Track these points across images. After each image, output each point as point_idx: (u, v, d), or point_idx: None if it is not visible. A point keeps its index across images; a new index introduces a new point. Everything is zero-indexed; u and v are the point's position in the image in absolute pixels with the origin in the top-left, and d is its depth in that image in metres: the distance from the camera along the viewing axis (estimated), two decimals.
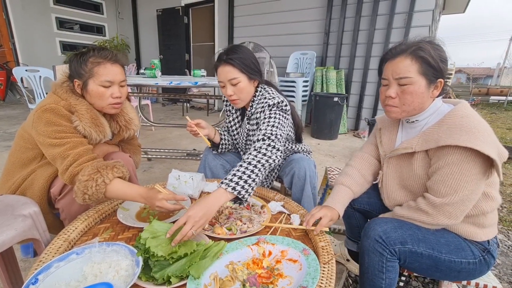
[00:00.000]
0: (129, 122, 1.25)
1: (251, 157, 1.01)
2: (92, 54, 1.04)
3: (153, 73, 2.32)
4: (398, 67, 0.84)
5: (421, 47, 0.82)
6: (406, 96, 0.85)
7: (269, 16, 4.76)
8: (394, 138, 1.00)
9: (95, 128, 1.05)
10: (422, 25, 3.54)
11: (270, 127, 1.12)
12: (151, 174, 2.47)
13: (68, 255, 0.73)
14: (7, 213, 0.90)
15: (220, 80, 1.19)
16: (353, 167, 1.10)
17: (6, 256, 1.02)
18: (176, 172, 1.24)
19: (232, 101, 1.21)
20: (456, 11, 6.46)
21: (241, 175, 0.94)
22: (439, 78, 0.84)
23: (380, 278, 0.87)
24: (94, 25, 7.23)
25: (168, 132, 4.00)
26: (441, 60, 0.83)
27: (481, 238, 0.86)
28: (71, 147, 0.96)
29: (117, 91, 1.08)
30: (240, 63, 1.14)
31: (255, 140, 1.10)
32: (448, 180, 0.79)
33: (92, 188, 0.90)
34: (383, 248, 0.84)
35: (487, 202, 0.84)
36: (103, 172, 0.92)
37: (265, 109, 1.17)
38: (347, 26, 4.06)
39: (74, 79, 1.05)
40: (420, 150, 0.86)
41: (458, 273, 0.86)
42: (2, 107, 5.24)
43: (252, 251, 0.83)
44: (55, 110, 0.98)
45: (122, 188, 0.94)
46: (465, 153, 0.76)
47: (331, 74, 4.00)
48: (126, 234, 0.92)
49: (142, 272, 0.70)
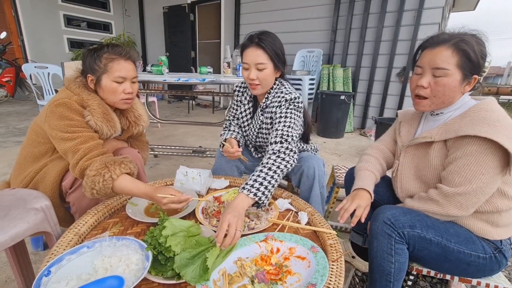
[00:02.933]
0: (138, 118, 1.28)
1: (270, 162, 1.03)
2: (106, 50, 1.06)
3: (160, 70, 2.33)
4: (437, 57, 0.81)
5: (465, 39, 0.79)
6: (439, 88, 0.83)
7: (276, 14, 4.74)
8: (413, 131, 1.00)
9: (107, 123, 1.07)
10: (431, 23, 3.49)
11: (287, 128, 1.13)
12: (157, 171, 2.49)
13: (79, 248, 0.74)
14: (19, 206, 0.92)
15: (246, 61, 1.17)
16: (370, 155, 1.11)
17: (18, 249, 1.03)
18: (183, 168, 1.25)
19: (252, 85, 1.20)
20: (466, 8, 6.34)
21: (262, 181, 0.97)
22: (475, 74, 0.81)
23: (389, 262, 0.86)
24: (101, 22, 7.29)
25: (174, 129, 4.02)
26: (481, 56, 0.80)
27: (493, 237, 0.84)
28: (82, 142, 0.97)
29: (129, 87, 1.11)
30: (271, 49, 1.14)
31: (272, 142, 1.12)
32: (464, 171, 0.78)
33: (99, 183, 0.91)
34: (392, 230, 0.84)
35: (502, 200, 0.82)
36: (110, 168, 0.93)
37: (282, 104, 1.18)
38: (355, 23, 4.02)
39: (88, 74, 1.07)
40: (439, 140, 0.85)
41: (467, 266, 0.84)
42: (12, 103, 5.33)
43: (260, 248, 0.83)
44: (68, 104, 1.00)
45: (129, 185, 0.95)
46: (485, 145, 0.75)
47: (338, 72, 3.97)
48: (135, 229, 0.92)
49: (152, 266, 0.71)
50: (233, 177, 1.33)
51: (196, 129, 4.05)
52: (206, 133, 3.85)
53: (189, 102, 5.70)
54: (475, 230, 0.86)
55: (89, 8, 6.94)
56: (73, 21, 6.78)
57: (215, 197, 1.13)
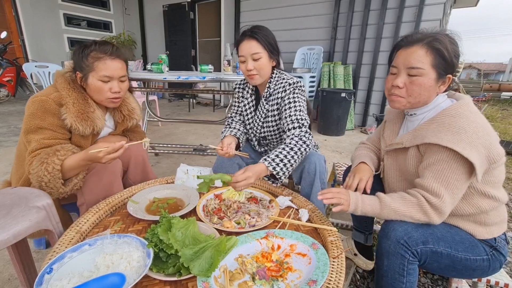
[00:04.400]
0: (131, 112, 1.30)
1: (293, 143, 1.12)
2: (93, 48, 1.06)
3: (160, 68, 2.33)
4: (412, 56, 0.81)
5: (438, 38, 0.80)
6: (414, 87, 0.83)
7: (276, 11, 4.72)
8: (396, 131, 1.00)
9: (82, 122, 1.07)
10: (433, 19, 3.47)
11: (299, 112, 1.20)
12: (158, 169, 2.49)
13: (80, 246, 0.74)
14: (21, 205, 0.92)
15: (242, 54, 1.23)
16: (362, 147, 1.15)
17: (21, 247, 1.04)
18: (184, 166, 1.25)
19: (250, 76, 1.24)
20: (468, 4, 6.28)
21: (283, 158, 1.06)
22: (449, 73, 0.82)
23: (400, 282, 0.83)
24: (101, 21, 7.28)
25: (175, 127, 4.03)
26: (455, 55, 0.80)
27: (484, 236, 0.84)
28: (33, 148, 1.00)
29: (116, 86, 1.10)
30: (264, 39, 1.20)
31: (290, 128, 1.19)
32: (440, 177, 0.78)
33: (46, 177, 0.95)
34: (406, 249, 0.80)
35: (484, 200, 0.82)
36: (49, 160, 0.96)
37: (286, 88, 1.24)
38: (355, 20, 4.00)
39: (77, 71, 1.08)
40: (410, 146, 0.86)
41: (473, 272, 0.84)
42: (12, 102, 5.34)
43: (261, 245, 0.83)
44: (43, 102, 1.02)
45: (68, 164, 0.98)
46: (450, 153, 0.76)
47: (339, 69, 3.96)
48: (136, 227, 0.93)
49: (153, 264, 0.71)
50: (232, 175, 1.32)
51: (197, 127, 4.05)
52: (207, 131, 3.85)
53: (190, 100, 5.70)
54: (470, 232, 0.85)
55: (89, 7, 6.93)
56: (73, 20, 6.77)
57: (215, 194, 1.13)
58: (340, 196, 0.89)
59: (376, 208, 0.87)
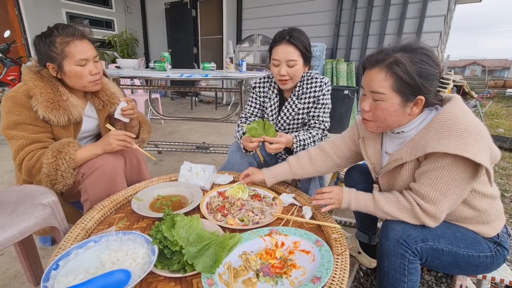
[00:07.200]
0: (111, 97, 1.24)
1: (317, 138, 1.29)
2: (57, 33, 1.01)
3: (163, 66, 2.33)
4: (372, 80, 0.78)
5: (397, 60, 0.74)
6: (378, 112, 0.80)
7: (278, 8, 4.69)
8: (379, 148, 0.96)
9: (54, 112, 1.03)
10: (437, 15, 3.42)
11: (327, 115, 1.36)
12: (161, 167, 2.50)
13: (86, 242, 0.75)
14: (27, 202, 0.93)
15: (276, 58, 1.21)
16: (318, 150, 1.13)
17: (27, 244, 1.05)
18: (187, 164, 1.25)
19: (283, 81, 1.24)
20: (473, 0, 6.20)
21: (305, 145, 1.24)
22: (419, 95, 0.76)
23: (401, 282, 0.82)
24: (103, 19, 7.27)
25: (178, 125, 4.03)
26: (420, 76, 0.73)
27: (490, 234, 0.84)
28: (27, 143, 1.01)
29: (94, 68, 1.07)
30: (302, 45, 1.19)
31: (312, 126, 1.34)
32: (438, 184, 0.75)
33: (63, 165, 0.99)
34: (405, 249, 0.79)
35: (483, 200, 0.81)
36: (65, 150, 1.01)
37: (323, 88, 1.32)
38: (359, 16, 3.97)
39: (47, 63, 1.03)
40: (410, 160, 0.81)
41: (476, 268, 0.84)
42: None
43: (265, 242, 0.83)
44: (14, 98, 1.01)
45: (84, 155, 1.06)
46: (455, 159, 0.72)
47: (342, 66, 3.93)
48: (140, 224, 0.93)
49: (158, 260, 0.71)
50: (237, 173, 1.33)
51: (199, 125, 4.05)
52: (209, 129, 3.86)
53: (192, 98, 5.70)
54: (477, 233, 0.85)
55: (91, 6, 6.93)
56: (75, 19, 6.77)
57: (219, 192, 1.13)
58: (330, 196, 0.90)
59: (370, 208, 0.87)
